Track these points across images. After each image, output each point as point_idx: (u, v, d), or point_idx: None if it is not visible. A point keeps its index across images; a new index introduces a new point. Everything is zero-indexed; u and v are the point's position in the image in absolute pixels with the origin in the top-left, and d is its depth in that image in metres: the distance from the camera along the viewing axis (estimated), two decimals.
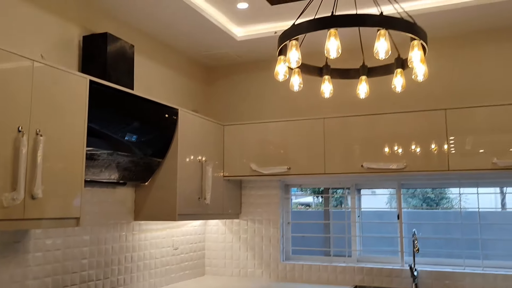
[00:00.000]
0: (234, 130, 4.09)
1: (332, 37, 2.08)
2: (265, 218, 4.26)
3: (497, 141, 3.28)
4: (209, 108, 4.60)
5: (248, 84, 4.53)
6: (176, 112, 3.48)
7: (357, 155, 3.65)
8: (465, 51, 3.81)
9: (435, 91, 3.80)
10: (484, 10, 3.35)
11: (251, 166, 3.96)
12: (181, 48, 4.16)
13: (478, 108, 3.37)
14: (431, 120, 3.48)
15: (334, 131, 3.74)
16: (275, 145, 3.92)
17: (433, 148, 3.45)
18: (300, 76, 2.51)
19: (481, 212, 3.72)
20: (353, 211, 4.13)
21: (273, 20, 3.71)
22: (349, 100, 3.58)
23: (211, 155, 3.89)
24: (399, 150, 3.54)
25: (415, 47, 2.13)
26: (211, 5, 3.47)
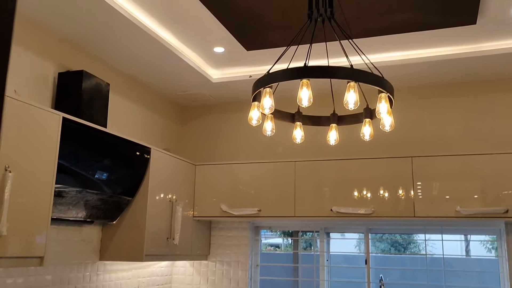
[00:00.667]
0: (205, 170, 4.11)
1: (305, 86, 2.16)
2: (233, 260, 4.22)
3: (460, 189, 3.40)
4: (182, 147, 4.62)
5: (222, 125, 4.58)
6: (149, 151, 3.48)
7: (327, 199, 3.71)
8: (430, 102, 3.98)
9: (403, 139, 3.94)
10: (446, 65, 3.54)
11: (222, 207, 3.95)
12: (156, 88, 4.20)
13: (442, 157, 3.51)
14: (398, 166, 3.58)
15: (304, 175, 3.80)
16: (246, 186, 3.95)
17: (400, 194, 3.54)
18: (273, 121, 2.57)
19: (446, 258, 3.80)
20: (322, 255, 4.14)
21: (249, 64, 3.81)
22: (320, 145, 3.66)
23: (182, 195, 3.88)
24: (367, 194, 3.62)
25: (382, 99, 2.23)
26: (188, 47, 3.55)
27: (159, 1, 2.88)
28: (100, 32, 3.12)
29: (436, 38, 3.26)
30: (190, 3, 2.88)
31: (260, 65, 3.80)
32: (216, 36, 3.33)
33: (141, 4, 2.93)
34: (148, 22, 3.12)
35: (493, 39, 3.26)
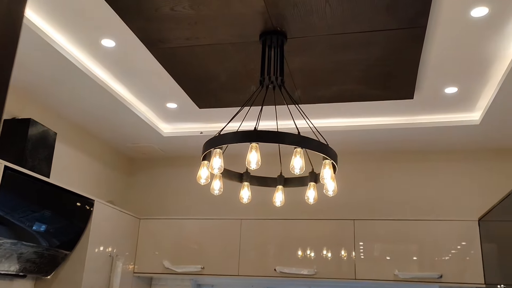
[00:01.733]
0: (150, 224, 4.03)
1: (254, 150, 2.24)
2: None
3: (399, 253, 3.53)
4: (127, 200, 4.53)
5: (169, 179, 4.56)
6: (92, 203, 3.39)
7: (271, 258, 3.72)
8: (372, 167, 4.18)
9: (346, 202, 4.07)
10: (386, 134, 3.77)
11: (164, 263, 3.86)
12: (106, 139, 4.16)
13: (382, 221, 3.65)
14: (341, 228, 3.68)
15: (250, 233, 3.82)
16: (191, 242, 3.90)
17: (342, 255, 3.62)
18: (221, 180, 2.61)
19: None
20: None
21: (200, 120, 3.88)
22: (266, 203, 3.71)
23: (123, 249, 3.77)
24: (311, 254, 3.67)
25: (326, 165, 2.34)
26: (141, 101, 3.58)
27: (115, 55, 2.93)
28: (51, 81, 3.10)
29: (377, 108, 3.48)
30: (146, 60, 2.95)
31: (211, 122, 3.88)
32: (170, 92, 3.39)
33: (95, 57, 2.97)
34: (102, 74, 3.15)
35: (428, 113, 3.53)
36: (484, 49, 2.67)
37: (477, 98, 3.26)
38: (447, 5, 2.32)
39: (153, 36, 2.64)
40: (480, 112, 3.40)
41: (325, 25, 2.48)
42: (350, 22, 2.44)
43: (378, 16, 2.39)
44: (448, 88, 3.13)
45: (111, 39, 2.76)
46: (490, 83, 3.04)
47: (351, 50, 2.71)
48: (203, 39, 2.65)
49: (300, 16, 2.41)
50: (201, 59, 2.88)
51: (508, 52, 2.69)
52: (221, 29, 2.55)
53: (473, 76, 2.97)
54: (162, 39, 2.66)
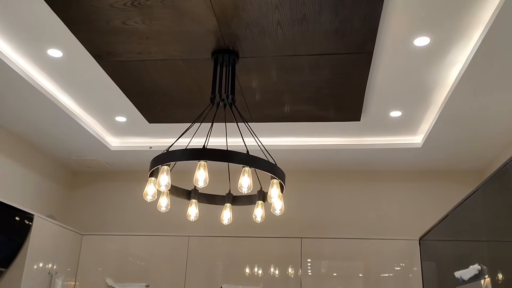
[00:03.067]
0: (93, 241, 3.89)
1: (202, 167, 2.22)
2: None
3: (344, 269, 3.59)
4: (69, 215, 4.36)
5: (115, 193, 4.44)
6: (31, 217, 3.24)
7: (218, 275, 3.68)
8: (320, 186, 4.25)
9: (294, 220, 4.11)
10: (335, 154, 3.86)
11: (107, 281, 3.74)
12: (48, 150, 4.01)
13: (329, 239, 3.71)
14: (288, 246, 3.71)
15: (197, 250, 3.77)
16: (136, 259, 3.80)
17: (289, 273, 3.64)
18: (168, 197, 2.57)
19: None
20: None
21: (150, 135, 3.82)
22: (214, 220, 3.69)
23: (64, 266, 3.61)
24: (258, 272, 3.67)
25: (274, 185, 2.36)
26: (88, 114, 3.48)
27: (62, 66, 2.85)
28: None
29: (326, 129, 3.57)
30: (95, 72, 2.89)
31: (161, 137, 3.83)
32: (119, 105, 3.32)
33: (41, 67, 2.87)
34: (47, 85, 3.05)
35: (374, 135, 3.65)
36: (426, 76, 2.81)
37: (420, 122, 3.41)
38: (392, 33, 2.42)
39: (102, 49, 2.59)
40: (422, 135, 3.56)
41: (276, 47, 2.53)
42: (300, 44, 2.50)
43: (327, 40, 2.46)
44: (392, 112, 3.26)
45: (58, 49, 2.68)
46: (431, 109, 3.19)
47: (301, 71, 2.78)
48: (155, 54, 2.62)
49: (253, 36, 2.44)
50: (152, 74, 2.85)
51: (447, 81, 2.84)
52: (173, 45, 2.54)
53: (416, 101, 3.11)
54: (112, 52, 2.61)
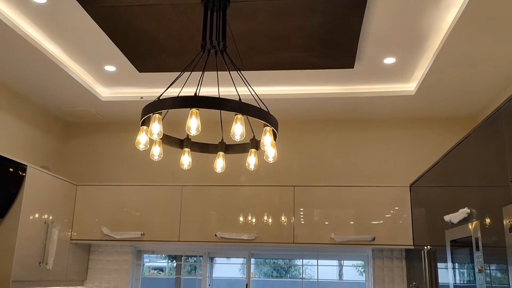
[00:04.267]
0: (87, 191, 3.92)
1: (194, 115, 2.20)
2: (112, 285, 4.05)
3: (336, 218, 3.67)
4: (63, 166, 4.36)
5: (108, 144, 4.43)
6: (24, 168, 3.24)
7: (212, 224, 3.75)
8: (311, 135, 4.26)
9: (286, 169, 4.15)
10: (327, 102, 3.84)
11: (103, 230, 3.79)
12: (38, 101, 3.95)
13: (321, 187, 3.76)
14: (281, 194, 3.76)
15: (191, 199, 3.82)
16: (131, 209, 3.84)
17: (282, 221, 3.71)
18: (161, 146, 2.56)
19: (320, 282, 4.03)
20: (204, 279, 4.15)
21: (140, 85, 3.77)
22: (207, 170, 3.71)
23: (59, 216, 3.65)
24: (252, 220, 3.74)
25: (267, 132, 2.35)
26: (76, 63, 3.41)
27: (47, 12, 2.75)
28: None
29: (318, 77, 3.53)
30: (81, 18, 2.80)
31: (152, 87, 3.78)
32: (108, 54, 3.25)
33: (25, 13, 2.77)
34: (33, 32, 2.96)
35: (367, 83, 3.62)
36: (421, 20, 2.75)
37: (414, 69, 3.37)
38: None
39: None
40: (416, 82, 3.54)
41: None
42: None
43: None
44: (386, 59, 3.22)
45: None
46: (426, 55, 3.15)
47: (294, 16, 2.70)
48: None
49: None
50: (140, 20, 2.76)
51: (443, 24, 2.78)
52: None
53: (410, 47, 3.06)
54: None
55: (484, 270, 2.14)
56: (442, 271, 2.81)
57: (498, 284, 2.03)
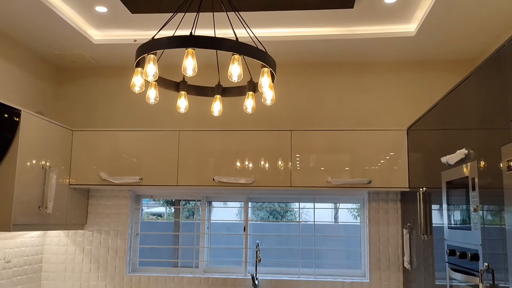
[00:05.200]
0: (84, 136, 3.90)
1: (190, 56, 2.15)
2: (112, 229, 4.13)
3: (332, 162, 3.69)
4: (57, 111, 4.32)
5: (102, 88, 4.36)
6: (18, 113, 3.20)
7: (209, 169, 3.77)
8: (309, 79, 4.21)
9: (283, 113, 4.12)
10: (325, 45, 3.75)
11: (101, 175, 3.81)
12: (29, 45, 3.84)
13: (318, 131, 3.75)
14: (278, 139, 3.76)
15: (188, 144, 3.81)
16: (128, 154, 3.84)
17: (279, 165, 3.73)
18: (156, 89, 2.52)
19: (316, 225, 4.12)
20: (203, 223, 4.23)
21: (133, 27, 3.66)
22: (204, 115, 3.69)
23: (57, 162, 3.65)
24: (249, 165, 3.75)
25: (265, 74, 2.31)
26: (66, 4, 3.28)
27: None
28: None
29: (317, 18, 3.42)
30: None
31: (145, 29, 3.67)
32: None
33: None
34: None
35: (367, 24, 3.52)
36: None
37: (415, 8, 3.27)
38: None
39: None
40: (416, 23, 3.45)
41: None
42: None
43: None
44: None
45: None
46: None
47: None
48: None
49: None
50: None
51: None
52: None
53: None
54: None
55: (479, 209, 2.17)
56: (437, 212, 2.86)
57: (493, 224, 2.07)
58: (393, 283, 3.83)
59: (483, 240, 2.13)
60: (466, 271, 2.31)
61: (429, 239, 2.98)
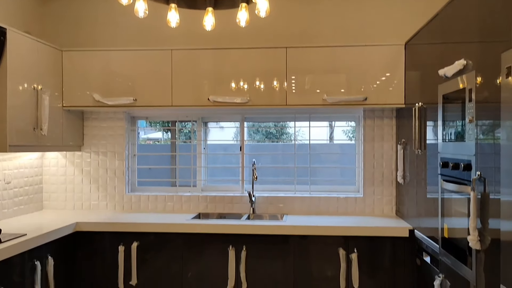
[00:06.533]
0: (74, 57, 3.81)
1: None
2: (109, 150, 4.16)
3: (328, 80, 3.64)
4: (44, 31, 4.17)
5: (90, 6, 4.18)
6: (4, 32, 3.09)
7: (204, 88, 3.72)
8: None
9: (278, 29, 4.00)
10: None
11: (94, 96, 3.77)
12: None
13: (314, 48, 3.66)
14: (273, 57, 3.68)
15: (181, 64, 3.73)
16: (121, 75, 3.77)
17: (275, 85, 3.68)
18: (145, 1, 2.41)
19: (312, 144, 4.15)
20: (199, 143, 4.26)
21: None
22: (197, 32, 3.57)
23: (48, 83, 3.59)
24: (244, 86, 3.70)
25: None
26: None
27: None
28: None
29: None
30: None
31: None
32: None
33: None
34: None
35: None
36: None
37: None
38: None
39: None
40: None
41: None
42: None
43: None
44: None
45: None
46: None
47: None
48: None
49: None
50: None
51: None
52: None
53: None
54: None
55: (474, 120, 2.17)
56: (431, 128, 2.87)
57: (487, 136, 2.08)
58: (386, 197, 3.94)
59: (476, 151, 2.15)
60: (458, 181, 2.36)
61: (422, 153, 3.02)
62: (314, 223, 3.48)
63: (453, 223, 2.50)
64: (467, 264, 2.27)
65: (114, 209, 4.14)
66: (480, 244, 2.06)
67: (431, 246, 2.87)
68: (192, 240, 3.47)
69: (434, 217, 2.77)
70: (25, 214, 3.86)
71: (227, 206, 4.07)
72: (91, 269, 3.54)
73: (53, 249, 3.21)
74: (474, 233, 2.06)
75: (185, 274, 3.48)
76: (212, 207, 4.07)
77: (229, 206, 4.07)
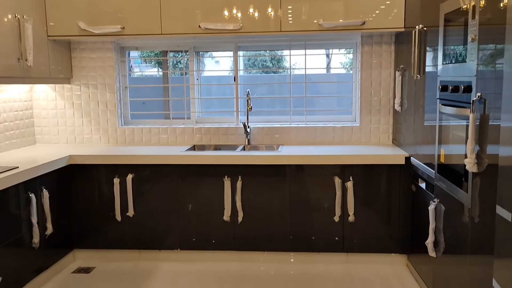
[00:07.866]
0: None
1: None
2: (100, 82, 4.04)
3: (325, 6, 3.46)
4: None
5: None
6: None
7: (195, 16, 3.55)
8: None
9: None
10: None
11: (80, 24, 3.59)
12: None
13: None
14: None
15: None
16: (107, 2, 3.58)
17: (269, 12, 3.51)
18: None
19: (308, 76, 4.03)
20: (192, 74, 4.13)
21: None
22: None
23: (30, 12, 3.41)
24: (237, 13, 3.53)
25: None
26: None
27: None
28: None
29: None
30: None
31: None
32: None
33: None
34: None
35: None
36: None
37: None
38: None
39: None
40: None
41: None
42: None
43: None
44: None
45: None
46: None
47: None
48: None
49: None
50: None
51: None
52: None
53: None
54: None
55: (476, 39, 2.06)
56: (431, 53, 2.76)
57: (489, 60, 1.98)
58: (383, 126, 3.89)
59: (477, 72, 2.06)
60: (457, 105, 2.29)
61: (421, 79, 2.92)
62: (309, 152, 3.45)
63: (450, 149, 2.46)
64: (462, 188, 2.25)
65: (107, 142, 4.09)
66: (477, 167, 2.03)
67: (427, 172, 2.85)
68: (188, 172, 3.46)
69: (431, 144, 2.73)
70: (17, 148, 3.81)
71: (222, 138, 4.02)
72: (88, 202, 3.55)
73: (48, 182, 3.20)
74: (471, 156, 2.02)
75: (181, 205, 3.50)
76: (207, 139, 4.03)
77: (224, 137, 4.02)
